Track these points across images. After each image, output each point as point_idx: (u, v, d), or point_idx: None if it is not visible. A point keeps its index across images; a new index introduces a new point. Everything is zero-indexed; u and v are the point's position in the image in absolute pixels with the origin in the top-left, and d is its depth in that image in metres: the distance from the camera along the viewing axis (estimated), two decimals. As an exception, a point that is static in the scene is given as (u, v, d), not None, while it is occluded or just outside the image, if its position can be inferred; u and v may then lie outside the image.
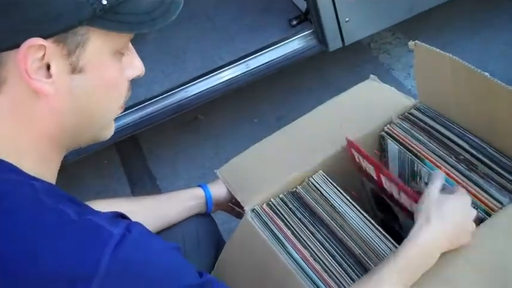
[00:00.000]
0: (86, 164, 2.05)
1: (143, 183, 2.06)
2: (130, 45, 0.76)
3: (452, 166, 1.06)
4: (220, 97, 1.90)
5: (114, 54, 0.71)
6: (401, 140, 1.15)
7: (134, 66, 0.76)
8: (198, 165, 2.05)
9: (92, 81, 0.70)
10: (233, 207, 1.25)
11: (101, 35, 0.68)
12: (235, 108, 2.22)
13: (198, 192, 1.18)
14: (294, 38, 1.88)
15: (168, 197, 1.17)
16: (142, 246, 0.66)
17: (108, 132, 0.77)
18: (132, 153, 2.20)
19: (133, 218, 1.08)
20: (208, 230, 1.20)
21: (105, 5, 0.66)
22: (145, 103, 1.79)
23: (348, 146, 1.14)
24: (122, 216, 0.70)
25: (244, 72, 1.83)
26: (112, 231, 0.63)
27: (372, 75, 1.33)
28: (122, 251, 0.62)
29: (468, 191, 0.97)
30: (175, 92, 1.80)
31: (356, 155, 1.13)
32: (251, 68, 1.82)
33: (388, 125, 1.19)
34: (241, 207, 1.19)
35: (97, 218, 0.65)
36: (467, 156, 1.07)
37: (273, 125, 2.09)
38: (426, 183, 1.01)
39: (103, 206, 1.05)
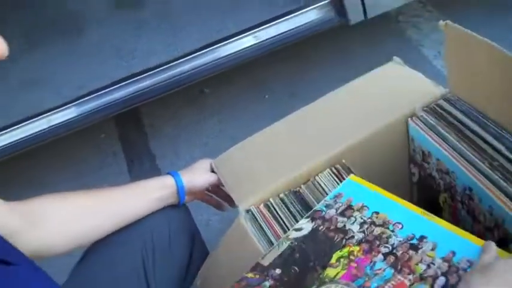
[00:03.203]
0: (81, 137, 1.93)
1: (141, 161, 1.92)
2: None
3: (484, 175, 0.88)
4: (229, 70, 1.73)
5: None
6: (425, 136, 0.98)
7: None
8: (201, 144, 1.91)
9: None
10: (210, 195, 1.13)
11: None
12: (244, 82, 2.07)
13: (168, 181, 1.04)
14: (310, 8, 1.70)
15: (133, 187, 1.03)
16: None
17: None
18: (132, 128, 2.06)
19: (93, 215, 0.96)
20: (181, 225, 1.06)
21: None
22: (143, 75, 1.64)
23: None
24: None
25: (252, 45, 1.66)
26: None
27: (395, 57, 1.16)
28: None
29: (505, 209, 0.80)
30: (176, 64, 1.65)
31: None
32: (261, 40, 1.66)
33: (410, 118, 1.01)
34: (224, 198, 1.09)
35: None
36: (504, 162, 0.89)
37: (285, 102, 1.94)
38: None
39: (52, 205, 0.92)
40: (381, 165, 1.08)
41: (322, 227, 0.89)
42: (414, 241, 0.81)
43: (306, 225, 0.91)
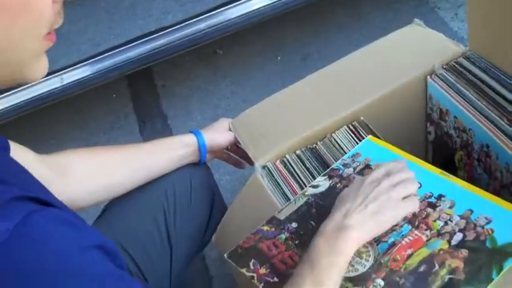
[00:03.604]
0: (92, 97, 1.92)
1: (153, 122, 1.92)
2: None
3: (503, 131, 0.89)
4: (242, 31, 1.71)
5: None
6: (444, 94, 0.97)
7: None
8: (213, 105, 1.90)
9: None
10: (230, 154, 1.13)
11: None
12: (257, 43, 2.05)
13: (190, 139, 1.04)
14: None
15: (155, 144, 1.04)
16: (38, 246, 0.51)
17: (34, 72, 0.58)
18: (144, 88, 2.05)
19: (118, 169, 0.97)
20: (203, 182, 1.07)
21: None
22: (156, 34, 1.62)
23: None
24: (30, 199, 0.54)
25: (266, 5, 1.63)
26: None
27: (415, 19, 1.13)
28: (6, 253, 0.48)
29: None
30: (190, 24, 1.62)
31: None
32: (275, 0, 1.62)
33: (429, 76, 1.01)
34: (242, 156, 1.09)
35: None
36: (523, 119, 0.89)
37: (298, 64, 1.93)
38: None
39: (79, 157, 0.93)
40: (398, 124, 1.07)
41: (339, 184, 0.89)
42: (432, 199, 0.81)
43: (323, 183, 0.91)
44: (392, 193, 0.75)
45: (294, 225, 0.85)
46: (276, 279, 0.78)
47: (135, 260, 0.97)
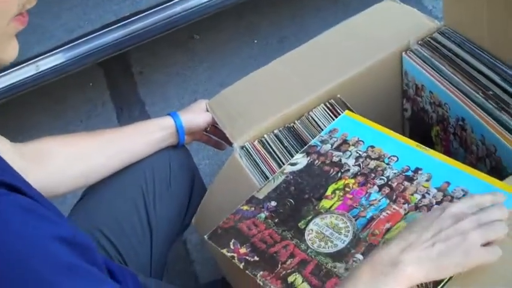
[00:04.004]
0: (68, 86, 1.90)
1: (130, 109, 1.91)
2: None
3: (478, 104, 0.89)
4: (218, 16, 1.70)
5: None
6: (419, 69, 0.98)
7: None
8: (191, 91, 1.89)
9: None
10: (209, 136, 1.12)
11: None
12: (233, 27, 2.04)
13: (167, 121, 1.03)
14: None
15: (132, 128, 1.03)
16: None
17: (4, 54, 0.58)
18: (120, 76, 2.03)
19: (96, 154, 0.96)
20: (182, 164, 1.07)
21: None
22: (132, 18, 1.60)
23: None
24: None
25: (242, -13, 1.62)
26: None
27: (390, -5, 1.13)
28: None
29: (497, 136, 0.81)
30: (165, 7, 1.60)
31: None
32: (250, -18, 1.62)
33: (404, 52, 1.01)
34: (222, 137, 1.08)
35: None
36: (498, 91, 0.90)
37: (275, 47, 1.92)
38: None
39: (56, 144, 0.92)
40: (375, 101, 1.08)
41: (317, 161, 0.90)
42: (409, 173, 0.82)
43: (301, 160, 0.91)
44: (472, 235, 0.62)
45: (273, 203, 0.85)
46: (256, 258, 0.78)
47: (115, 245, 0.96)
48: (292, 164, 0.91)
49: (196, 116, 1.06)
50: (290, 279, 0.73)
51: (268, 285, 0.73)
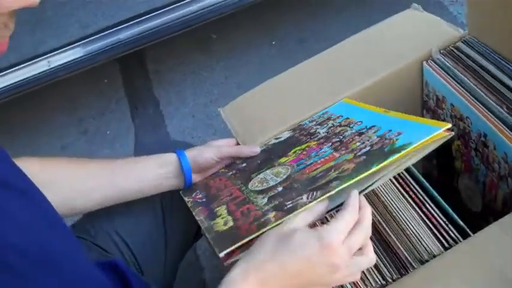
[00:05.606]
0: (82, 81, 1.88)
1: (145, 107, 1.88)
2: None
3: (501, 120, 0.83)
4: (237, 15, 1.67)
5: None
6: (440, 80, 0.93)
7: None
8: (206, 91, 1.86)
9: None
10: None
11: None
12: (252, 28, 2.00)
13: (169, 156, 0.91)
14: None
15: (125, 162, 0.91)
16: None
17: None
18: (136, 73, 2.01)
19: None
20: None
21: None
22: (147, 15, 1.57)
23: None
24: None
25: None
26: None
27: (414, 4, 1.09)
28: None
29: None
30: (181, 5, 1.58)
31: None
32: (270, -18, 1.58)
33: (425, 61, 0.96)
34: None
35: None
36: (523, 106, 0.84)
37: (294, 48, 1.88)
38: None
39: (37, 167, 0.85)
40: (393, 111, 1.03)
41: (297, 133, 0.92)
42: (363, 130, 0.81)
43: (285, 134, 0.94)
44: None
45: (243, 165, 0.89)
46: (204, 199, 0.84)
47: (131, 249, 0.93)
48: (277, 138, 0.94)
49: (202, 150, 0.92)
50: (217, 209, 0.79)
51: (196, 213, 0.81)
